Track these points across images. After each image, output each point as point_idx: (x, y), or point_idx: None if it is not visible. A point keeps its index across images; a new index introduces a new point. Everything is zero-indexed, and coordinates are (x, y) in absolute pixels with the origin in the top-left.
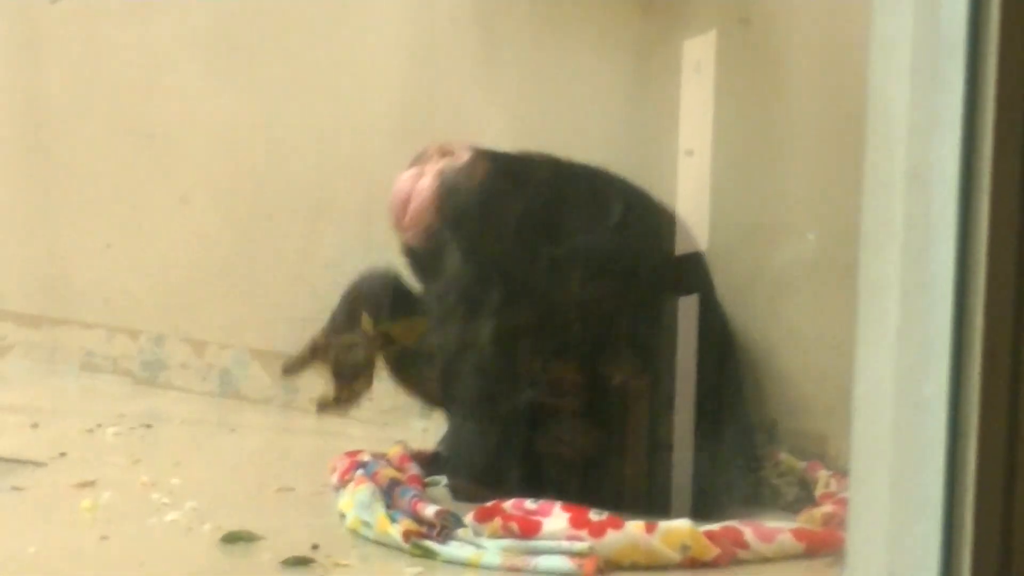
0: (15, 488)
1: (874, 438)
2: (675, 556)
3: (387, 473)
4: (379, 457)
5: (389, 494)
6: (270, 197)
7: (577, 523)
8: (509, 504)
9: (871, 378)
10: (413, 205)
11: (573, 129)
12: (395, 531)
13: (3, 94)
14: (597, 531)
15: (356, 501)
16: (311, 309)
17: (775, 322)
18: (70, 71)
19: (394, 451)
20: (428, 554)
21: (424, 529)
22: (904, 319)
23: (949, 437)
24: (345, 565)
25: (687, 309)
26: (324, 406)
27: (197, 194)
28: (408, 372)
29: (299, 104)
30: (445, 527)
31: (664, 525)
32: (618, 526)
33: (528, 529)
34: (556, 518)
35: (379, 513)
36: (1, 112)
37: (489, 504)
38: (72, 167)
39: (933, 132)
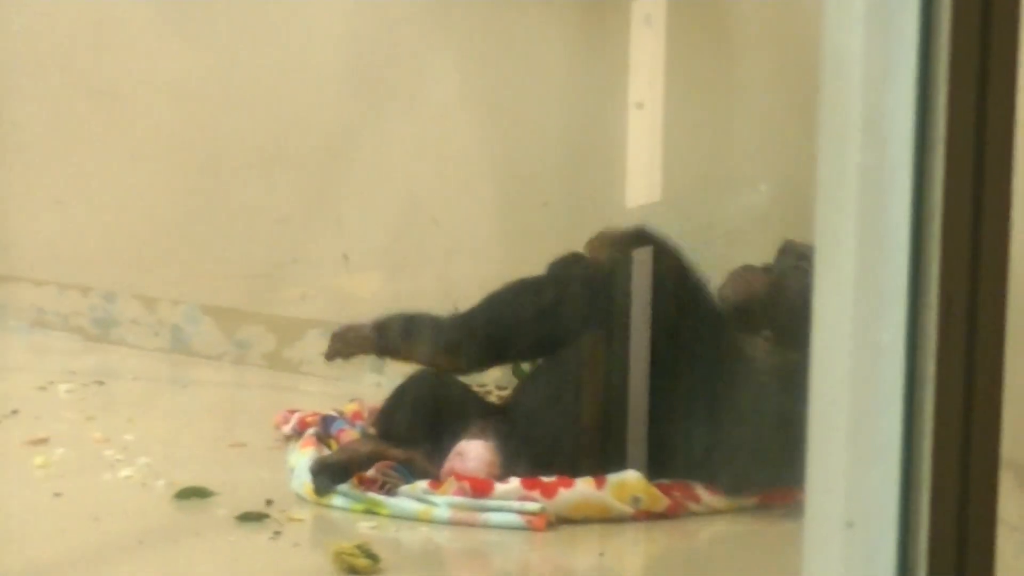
0: None
1: (832, 384)
2: (627, 509)
3: (351, 434)
4: (342, 416)
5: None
6: (221, 151)
7: (529, 485)
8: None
9: (829, 326)
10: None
11: (523, 82)
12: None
13: None
14: (549, 491)
15: (298, 464)
16: (263, 264)
17: (725, 269)
18: (19, 25)
19: (350, 408)
20: (374, 506)
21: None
22: (861, 268)
23: (906, 382)
24: (299, 520)
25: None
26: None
27: (148, 149)
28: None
29: (250, 57)
30: (387, 483)
31: (614, 478)
32: (569, 484)
33: (480, 488)
34: (509, 481)
35: (307, 481)
36: None
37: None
38: (20, 122)
39: (887, 82)
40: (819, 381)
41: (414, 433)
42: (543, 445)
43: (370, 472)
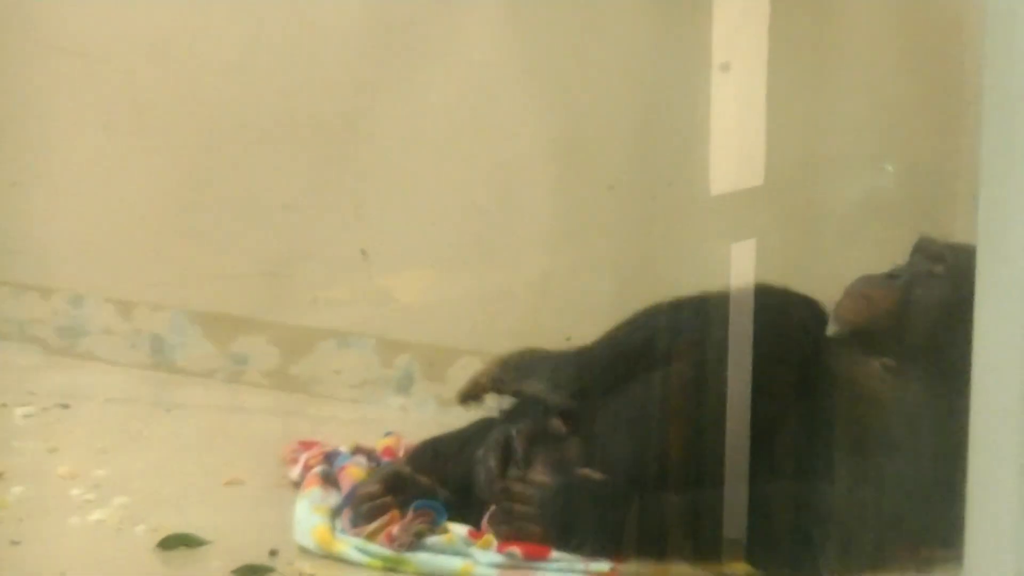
0: None
1: (999, 422)
2: None
3: (355, 473)
4: (359, 451)
5: (350, 499)
6: (214, 123)
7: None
8: None
9: (994, 350)
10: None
11: (583, 40)
12: (345, 544)
13: None
14: (618, 559)
15: (300, 508)
16: (264, 262)
17: (838, 272)
18: None
19: (383, 443)
20: (397, 564)
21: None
22: None
23: None
24: (310, 575)
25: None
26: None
27: (124, 119)
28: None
29: (247, 15)
30: (419, 535)
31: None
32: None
33: (534, 554)
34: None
35: (319, 524)
36: None
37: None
38: None
39: None
40: (982, 420)
41: (456, 476)
42: (619, 511)
43: (395, 529)
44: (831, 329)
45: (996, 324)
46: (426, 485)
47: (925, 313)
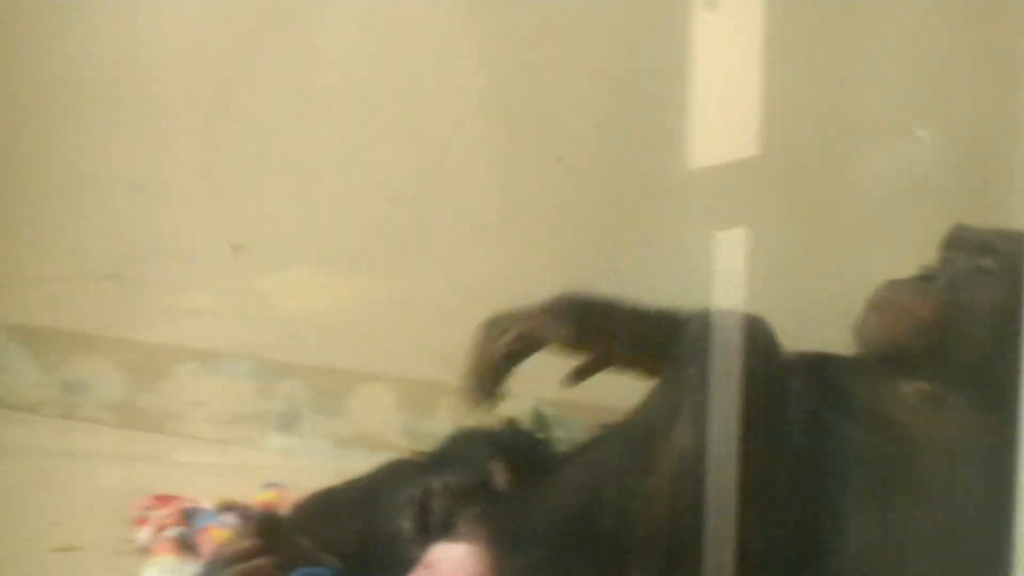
0: None
1: None
2: None
3: (220, 537)
4: (228, 509)
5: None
6: (31, 81)
7: None
8: None
9: None
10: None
11: None
12: None
13: None
14: None
15: None
16: (108, 257)
17: (858, 273)
18: None
19: (264, 497)
20: None
21: None
22: None
23: None
24: None
25: None
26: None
27: None
28: None
29: None
30: None
31: None
32: None
33: None
34: None
35: None
36: None
37: None
38: None
39: None
40: None
41: (354, 541)
42: (580, 557)
43: None
44: (853, 349)
45: None
46: (307, 549)
47: (977, 321)
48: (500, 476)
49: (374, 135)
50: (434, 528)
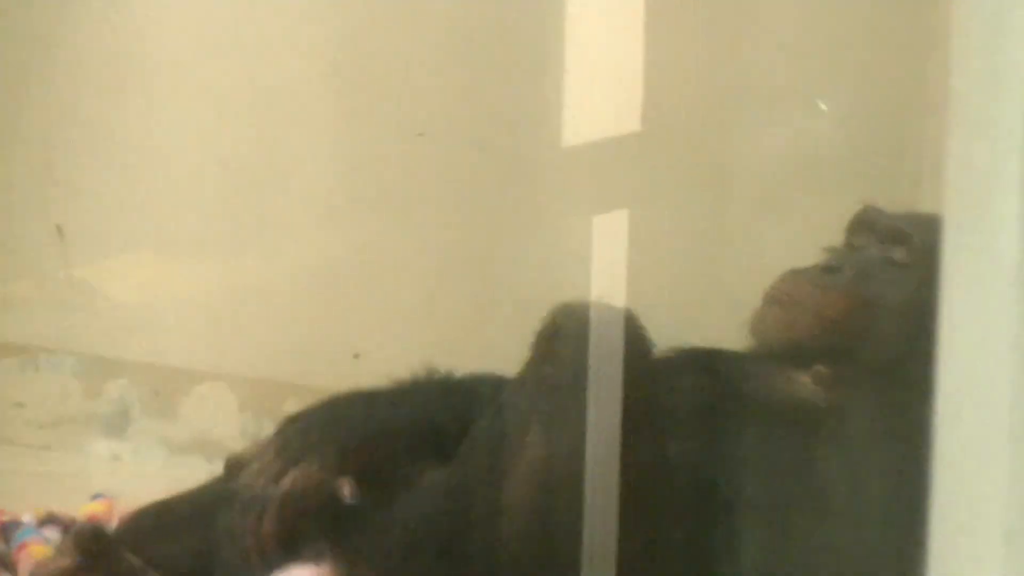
0: None
1: (975, 444)
2: None
3: (41, 553)
4: (50, 522)
5: None
6: None
7: None
8: None
9: (967, 352)
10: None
11: None
12: None
13: None
14: None
15: None
16: None
17: (751, 260)
18: None
19: (89, 508)
20: None
21: None
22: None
23: None
24: None
25: None
26: None
27: None
28: None
29: None
30: None
31: None
32: None
33: None
34: None
35: None
36: None
37: None
38: None
39: None
40: (952, 440)
41: (188, 558)
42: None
43: None
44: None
45: (971, 323)
46: (136, 568)
47: (887, 323)
48: (347, 488)
49: (207, 105)
50: (275, 546)
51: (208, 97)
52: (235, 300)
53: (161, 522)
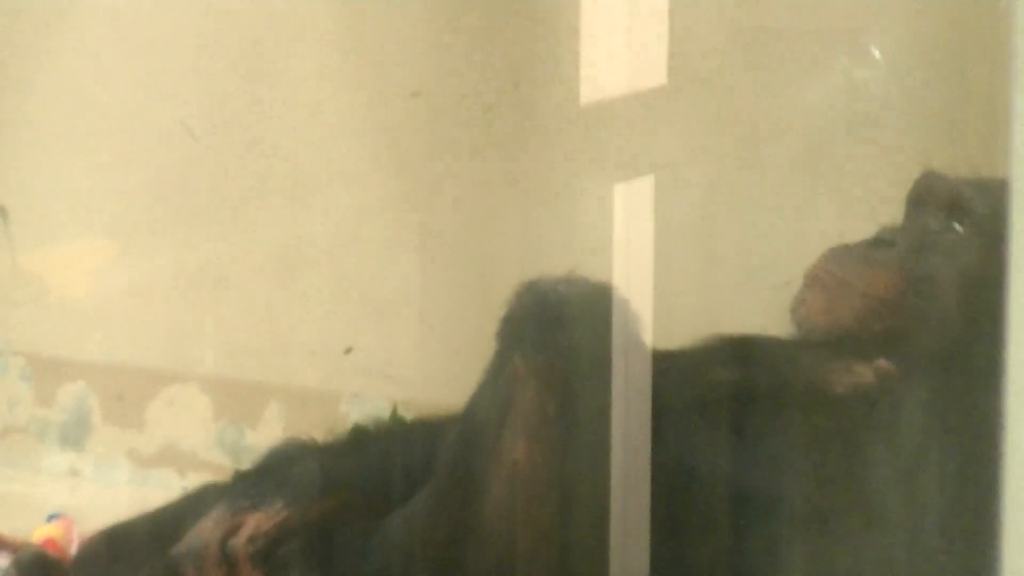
0: None
1: None
2: None
3: None
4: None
5: None
6: None
7: None
8: None
9: None
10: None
11: None
12: None
13: None
14: None
15: None
16: None
17: (792, 235)
18: None
19: (43, 532)
20: None
21: None
22: None
23: None
24: None
25: None
26: None
27: None
28: None
29: None
30: None
31: None
32: None
33: None
34: None
35: None
36: None
37: None
38: None
39: None
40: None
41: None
42: None
43: None
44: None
45: None
46: None
47: (946, 303)
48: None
49: (171, 69)
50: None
51: (166, 59)
52: (206, 289)
53: (124, 547)
